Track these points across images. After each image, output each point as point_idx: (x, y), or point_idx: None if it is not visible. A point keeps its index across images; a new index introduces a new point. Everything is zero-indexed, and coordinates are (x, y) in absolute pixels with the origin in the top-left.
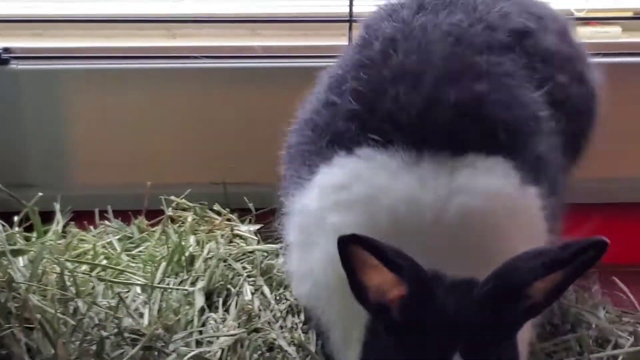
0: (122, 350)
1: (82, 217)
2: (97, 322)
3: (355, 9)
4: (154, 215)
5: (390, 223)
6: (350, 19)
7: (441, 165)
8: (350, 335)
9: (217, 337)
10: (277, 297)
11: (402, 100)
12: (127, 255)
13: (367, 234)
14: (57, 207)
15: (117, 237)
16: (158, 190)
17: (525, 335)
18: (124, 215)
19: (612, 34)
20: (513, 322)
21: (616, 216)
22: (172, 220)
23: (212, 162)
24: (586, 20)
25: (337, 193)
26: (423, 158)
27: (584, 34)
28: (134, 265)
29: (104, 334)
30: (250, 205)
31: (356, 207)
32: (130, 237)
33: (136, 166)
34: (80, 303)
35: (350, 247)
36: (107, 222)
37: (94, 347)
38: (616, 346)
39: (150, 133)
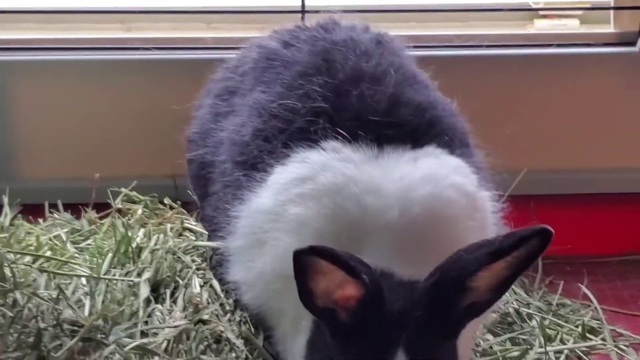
0: (60, 342)
1: (31, 211)
2: (36, 314)
3: (307, 2)
4: (104, 208)
5: (357, 212)
6: (303, 10)
7: (403, 158)
8: (300, 323)
9: (162, 328)
10: (227, 291)
11: (368, 100)
12: (75, 248)
13: (334, 224)
14: (5, 199)
15: (66, 230)
16: (108, 183)
17: (469, 335)
18: (75, 209)
19: (570, 26)
20: (457, 319)
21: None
22: (122, 213)
23: (163, 155)
24: (544, 12)
25: (300, 186)
26: (385, 151)
27: (543, 27)
28: (79, 257)
29: (42, 325)
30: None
31: (323, 197)
32: (79, 230)
33: (86, 159)
34: (19, 295)
35: (306, 258)
36: (56, 215)
37: (31, 339)
38: (562, 341)
39: (100, 125)
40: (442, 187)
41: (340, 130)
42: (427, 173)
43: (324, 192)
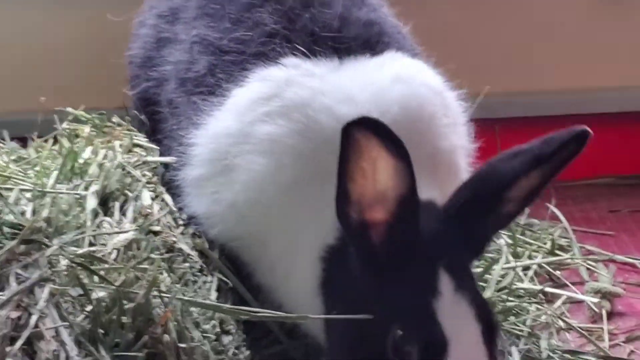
0: (0, 245)
1: None
2: None
3: None
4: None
5: (333, 123)
6: None
7: (369, 64)
8: (295, 257)
9: (111, 237)
10: (180, 208)
11: (320, 20)
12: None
13: (310, 140)
14: None
15: (12, 157)
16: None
17: None
18: (22, 141)
19: None
20: (488, 233)
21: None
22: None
23: (112, 83)
24: None
25: (266, 104)
26: (346, 62)
27: None
28: (23, 175)
29: None
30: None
31: (292, 113)
32: (25, 159)
33: (34, 91)
34: None
35: (358, 133)
36: (1, 145)
37: None
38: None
39: (48, 56)
40: (414, 86)
41: (298, 47)
42: (397, 74)
43: (292, 108)
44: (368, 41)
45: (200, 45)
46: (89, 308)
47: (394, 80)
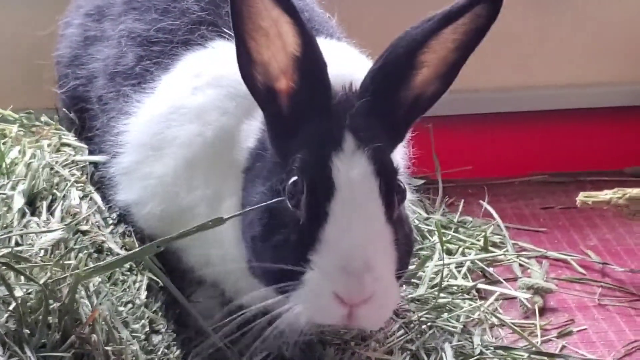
0: None
1: None
2: None
3: None
4: None
5: None
6: None
7: None
8: (220, 199)
9: (38, 237)
10: (109, 207)
11: None
12: None
13: (237, 98)
14: None
15: None
16: None
17: None
18: None
19: None
20: (404, 113)
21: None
22: None
23: (41, 86)
24: None
25: (194, 80)
26: None
27: None
28: None
29: None
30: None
31: (221, 82)
32: None
33: None
34: None
35: None
36: None
37: None
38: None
39: None
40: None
41: (225, 30)
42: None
43: (220, 79)
44: None
45: (128, 39)
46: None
47: None
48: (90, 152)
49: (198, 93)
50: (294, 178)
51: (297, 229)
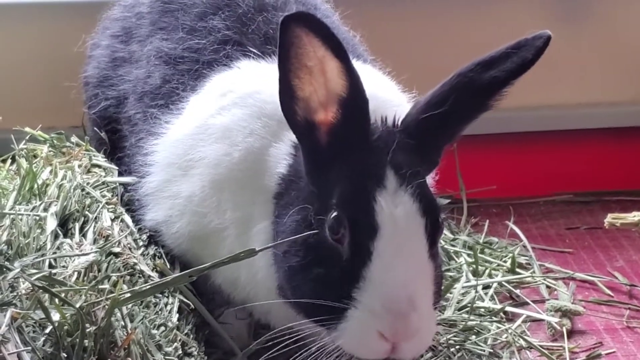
0: None
1: None
2: None
3: None
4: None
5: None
6: None
7: None
8: (249, 222)
9: (72, 260)
10: (139, 228)
11: (273, 21)
12: None
13: (263, 117)
14: None
15: None
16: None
17: None
18: None
19: None
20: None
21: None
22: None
23: (70, 105)
24: None
25: (220, 100)
26: None
27: None
28: None
29: None
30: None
31: (246, 100)
32: None
33: None
34: None
35: (295, 28)
36: None
37: None
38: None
39: (3, 76)
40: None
41: (251, 49)
42: None
43: (246, 97)
44: None
45: (155, 58)
46: (49, 330)
47: None
48: (120, 174)
49: (224, 113)
50: (335, 213)
51: (341, 265)
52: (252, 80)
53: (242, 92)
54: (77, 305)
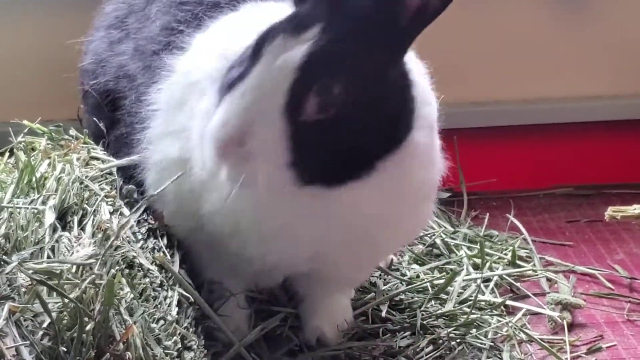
0: None
1: None
2: None
3: None
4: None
5: None
6: None
7: None
8: None
9: (71, 253)
10: (138, 221)
11: None
12: None
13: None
14: None
15: None
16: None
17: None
18: None
19: None
20: (405, 26)
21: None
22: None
23: (67, 97)
24: None
25: (227, 29)
26: None
27: None
28: None
29: None
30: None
31: (249, 29)
32: None
33: None
34: None
35: None
36: None
37: None
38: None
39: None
40: None
41: None
42: None
43: (250, 27)
44: None
45: (158, 12)
46: (47, 324)
47: None
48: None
49: (229, 36)
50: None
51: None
52: (258, 14)
53: (247, 20)
54: (73, 296)
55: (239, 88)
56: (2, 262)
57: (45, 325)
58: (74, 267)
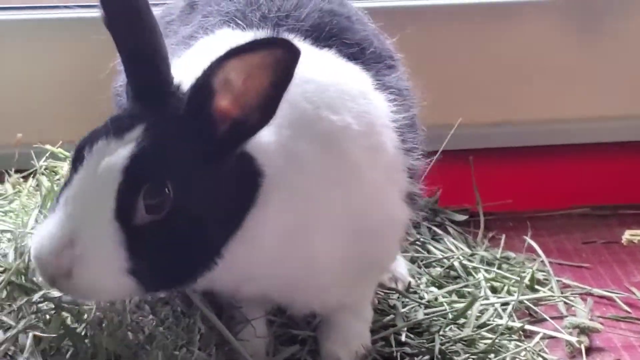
0: None
1: None
2: None
3: None
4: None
5: None
6: None
7: None
8: None
9: None
10: None
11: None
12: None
13: None
14: None
15: None
16: (31, 149)
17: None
18: None
19: None
20: (217, 137)
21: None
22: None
23: (88, 118)
24: None
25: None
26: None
27: None
28: (3, 215)
29: None
30: None
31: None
32: (2, 195)
33: (7, 124)
34: None
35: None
36: None
37: None
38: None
39: (21, 89)
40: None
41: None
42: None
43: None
44: (317, 27)
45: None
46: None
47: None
48: None
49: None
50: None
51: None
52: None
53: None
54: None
55: (61, 197)
56: (27, 291)
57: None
58: None
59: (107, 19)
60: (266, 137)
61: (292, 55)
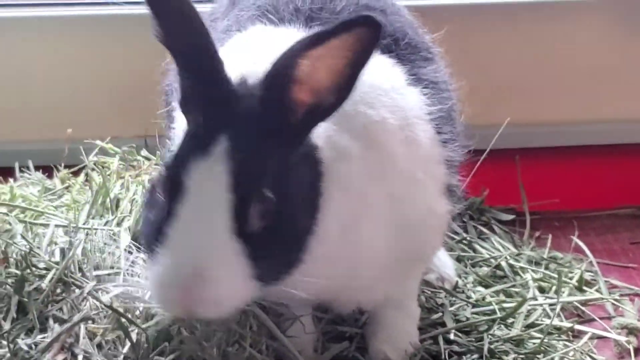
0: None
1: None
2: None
3: None
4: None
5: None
6: None
7: None
8: None
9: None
10: None
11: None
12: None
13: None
14: None
15: (38, 188)
16: (80, 144)
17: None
18: (47, 170)
19: None
20: (296, 122)
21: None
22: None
23: (135, 115)
24: None
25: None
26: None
27: None
28: (54, 210)
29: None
30: None
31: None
32: (51, 190)
33: (57, 120)
34: None
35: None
36: (27, 175)
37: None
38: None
39: (70, 85)
40: None
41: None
42: None
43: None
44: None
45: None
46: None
47: None
48: None
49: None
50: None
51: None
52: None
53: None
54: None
55: (173, 230)
56: (76, 286)
57: (124, 350)
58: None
59: (158, 25)
60: (317, 129)
61: (375, 31)
